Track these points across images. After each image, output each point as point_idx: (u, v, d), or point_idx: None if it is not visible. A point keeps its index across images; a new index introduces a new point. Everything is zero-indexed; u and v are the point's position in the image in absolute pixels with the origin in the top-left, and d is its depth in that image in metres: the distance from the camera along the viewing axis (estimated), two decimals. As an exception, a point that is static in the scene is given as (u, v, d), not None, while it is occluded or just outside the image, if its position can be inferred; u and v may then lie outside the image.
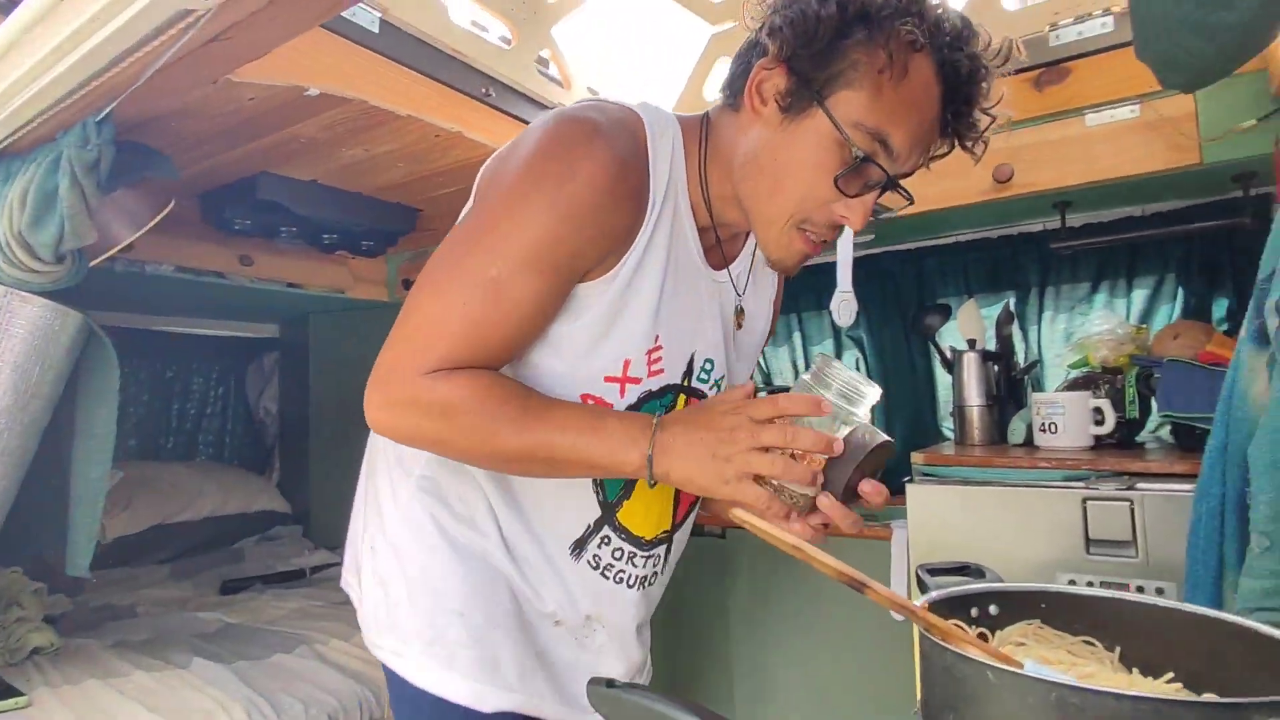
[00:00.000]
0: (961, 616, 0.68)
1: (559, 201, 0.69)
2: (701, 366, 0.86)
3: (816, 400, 0.67)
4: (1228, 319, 1.58)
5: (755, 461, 0.67)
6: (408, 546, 0.84)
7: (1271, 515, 0.92)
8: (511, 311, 0.71)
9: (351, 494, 0.95)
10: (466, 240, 0.73)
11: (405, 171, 1.69)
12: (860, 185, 0.72)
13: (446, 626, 0.82)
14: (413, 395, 0.71)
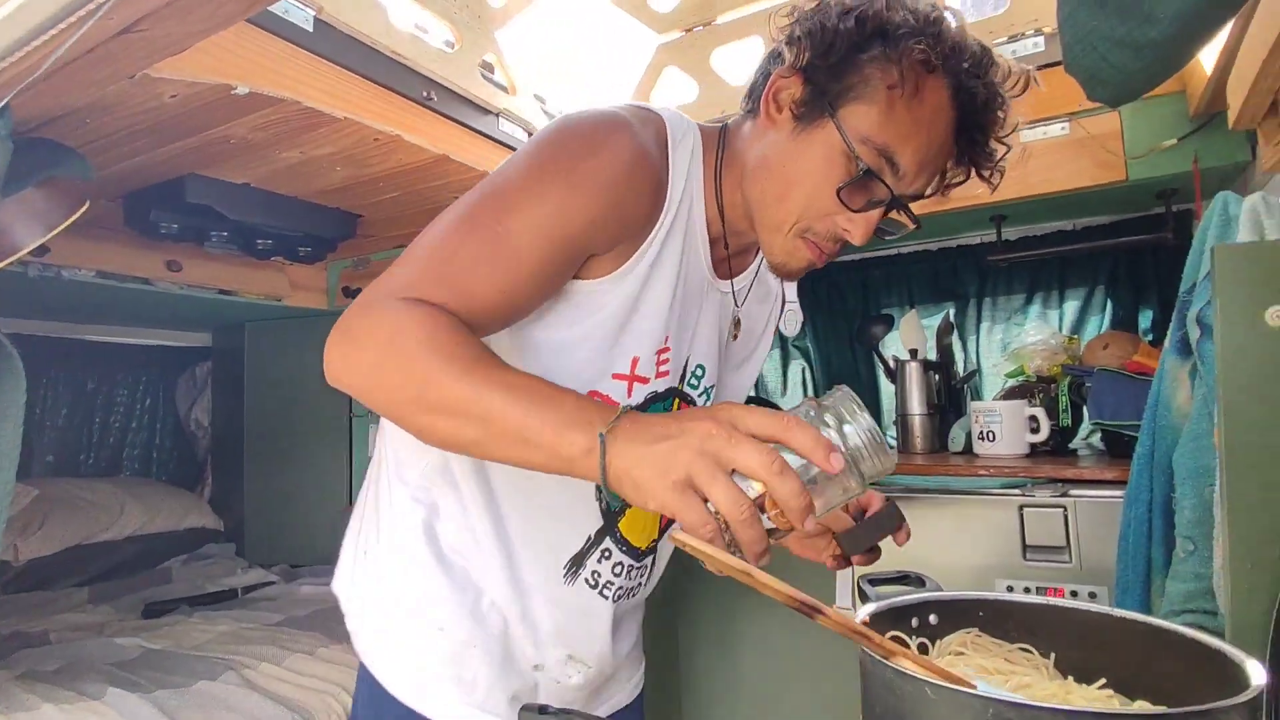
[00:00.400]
0: (902, 627, 0.68)
1: (577, 175, 0.68)
2: (693, 372, 0.86)
3: (829, 446, 0.52)
4: (1152, 330, 1.64)
5: (710, 477, 0.51)
6: (396, 556, 0.82)
7: (1195, 520, 0.95)
8: (510, 265, 0.67)
9: (288, 509, 0.91)
10: (480, 194, 0.71)
11: (344, 176, 1.64)
12: (864, 201, 0.72)
13: (426, 641, 0.80)
14: (366, 311, 0.64)
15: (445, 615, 0.80)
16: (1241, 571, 0.65)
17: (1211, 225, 1.01)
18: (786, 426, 0.52)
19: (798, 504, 0.51)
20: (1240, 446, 0.66)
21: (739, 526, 0.51)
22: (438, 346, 0.61)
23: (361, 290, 1.79)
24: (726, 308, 0.89)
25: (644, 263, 0.75)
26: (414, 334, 0.61)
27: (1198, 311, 1.01)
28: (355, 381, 0.65)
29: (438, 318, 0.63)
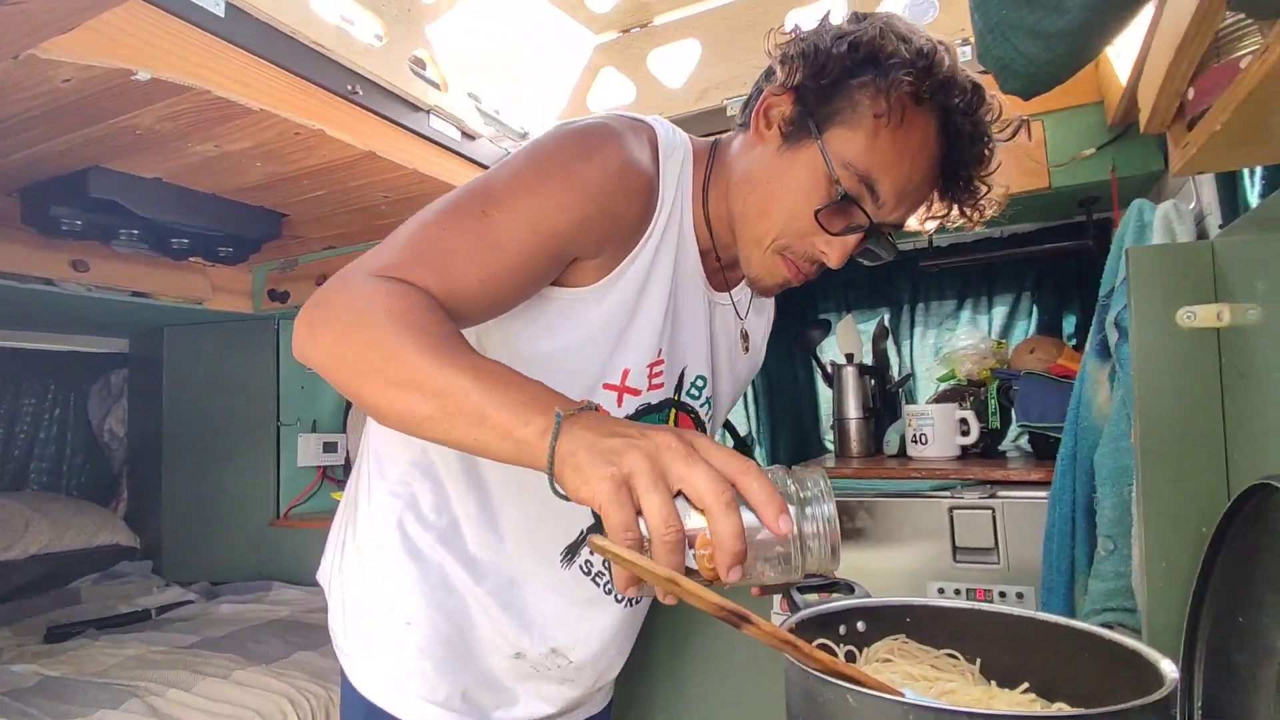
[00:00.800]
0: (830, 634, 0.67)
1: (568, 174, 0.69)
2: (692, 383, 0.86)
3: (782, 507, 0.49)
4: (1076, 334, 1.69)
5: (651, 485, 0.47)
6: (370, 551, 0.83)
7: (1115, 519, 0.96)
8: (493, 256, 0.66)
9: (209, 524, 0.88)
10: (468, 188, 0.70)
11: (265, 172, 1.56)
12: (843, 225, 0.73)
13: (393, 636, 0.81)
14: (340, 285, 0.62)
15: (413, 610, 0.80)
16: (1157, 571, 0.66)
17: (1128, 231, 1.04)
18: (747, 469, 0.49)
19: (732, 546, 0.47)
20: (1154, 446, 0.67)
21: (660, 546, 0.48)
22: (408, 320, 0.58)
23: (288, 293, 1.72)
24: (727, 320, 0.90)
25: (633, 271, 0.75)
26: (384, 305, 0.59)
27: (1115, 315, 1.03)
28: (320, 353, 0.61)
29: (412, 294, 0.61)
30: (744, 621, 0.52)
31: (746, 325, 0.93)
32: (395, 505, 0.83)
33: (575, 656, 0.88)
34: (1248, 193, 0.88)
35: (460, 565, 0.82)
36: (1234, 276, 0.63)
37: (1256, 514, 0.54)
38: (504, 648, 0.85)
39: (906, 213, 0.76)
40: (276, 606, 1.92)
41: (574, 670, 0.89)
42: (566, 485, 0.51)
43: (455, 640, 0.82)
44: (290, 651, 1.54)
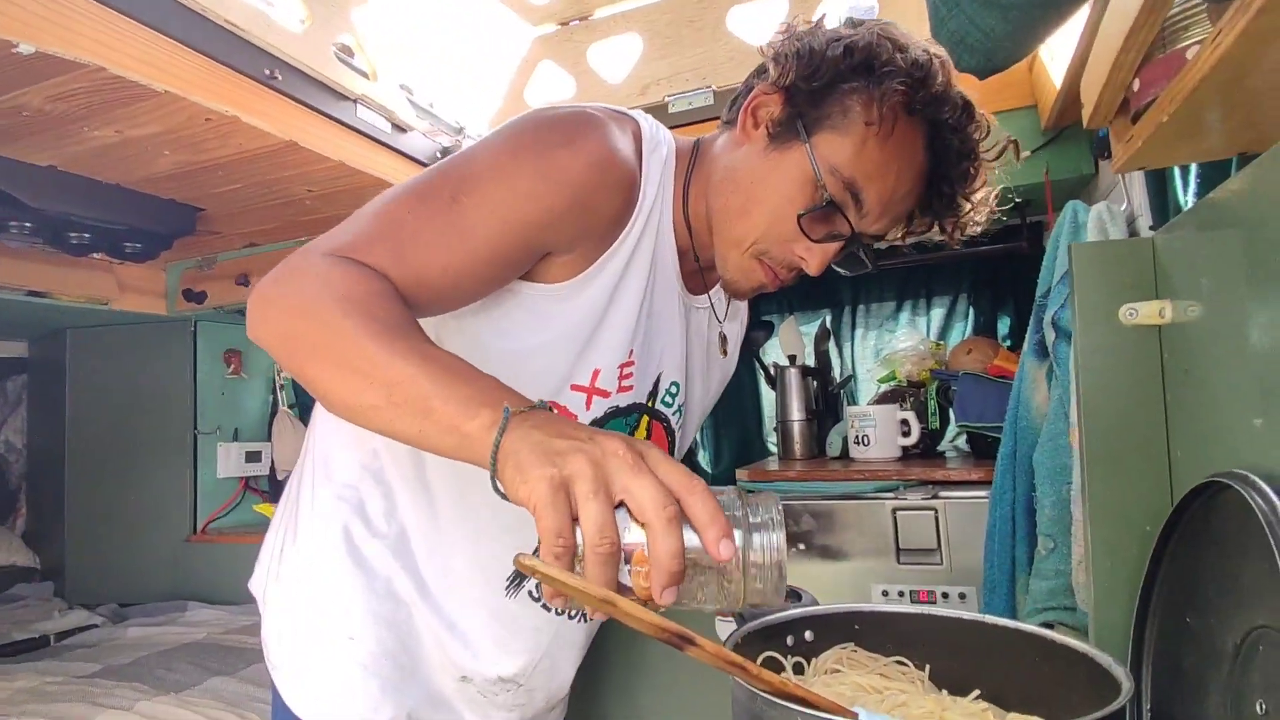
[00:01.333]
0: (777, 645, 0.65)
1: (545, 162, 0.65)
2: (667, 389, 0.83)
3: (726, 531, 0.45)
4: (1010, 335, 1.72)
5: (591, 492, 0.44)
6: (312, 558, 0.79)
7: (1055, 518, 0.97)
8: (459, 243, 0.63)
9: (118, 541, 0.79)
10: (437, 170, 0.67)
11: (175, 161, 1.45)
12: (825, 232, 0.71)
13: (335, 652, 0.76)
14: (297, 262, 0.60)
15: (358, 623, 0.76)
16: (1103, 570, 0.65)
17: (1063, 231, 1.05)
18: (693, 487, 0.46)
19: (669, 566, 0.44)
20: (1098, 443, 0.66)
21: (594, 558, 0.44)
22: (362, 303, 0.56)
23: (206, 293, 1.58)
24: (703, 323, 0.87)
25: (609, 269, 0.72)
26: (338, 287, 0.57)
27: (1052, 314, 1.04)
28: (270, 331, 0.59)
29: (370, 278, 0.59)
30: (687, 643, 0.48)
31: (725, 329, 0.90)
32: (341, 510, 0.78)
33: (526, 682, 0.84)
34: (1179, 194, 0.89)
35: (409, 577, 0.78)
36: (1175, 273, 0.63)
37: (1204, 512, 0.54)
38: (450, 669, 0.81)
39: (889, 225, 0.74)
40: (191, 629, 1.80)
41: (525, 694, 0.85)
42: (505, 483, 0.48)
43: (402, 657, 0.78)
44: (203, 678, 1.43)
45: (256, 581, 0.88)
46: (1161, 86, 0.51)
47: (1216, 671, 0.53)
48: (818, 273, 0.73)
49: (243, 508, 2.34)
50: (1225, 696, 0.51)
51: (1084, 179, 1.33)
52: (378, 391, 0.53)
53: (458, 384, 0.52)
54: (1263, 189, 0.51)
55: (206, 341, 2.28)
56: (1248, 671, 0.49)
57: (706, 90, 1.49)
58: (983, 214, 0.76)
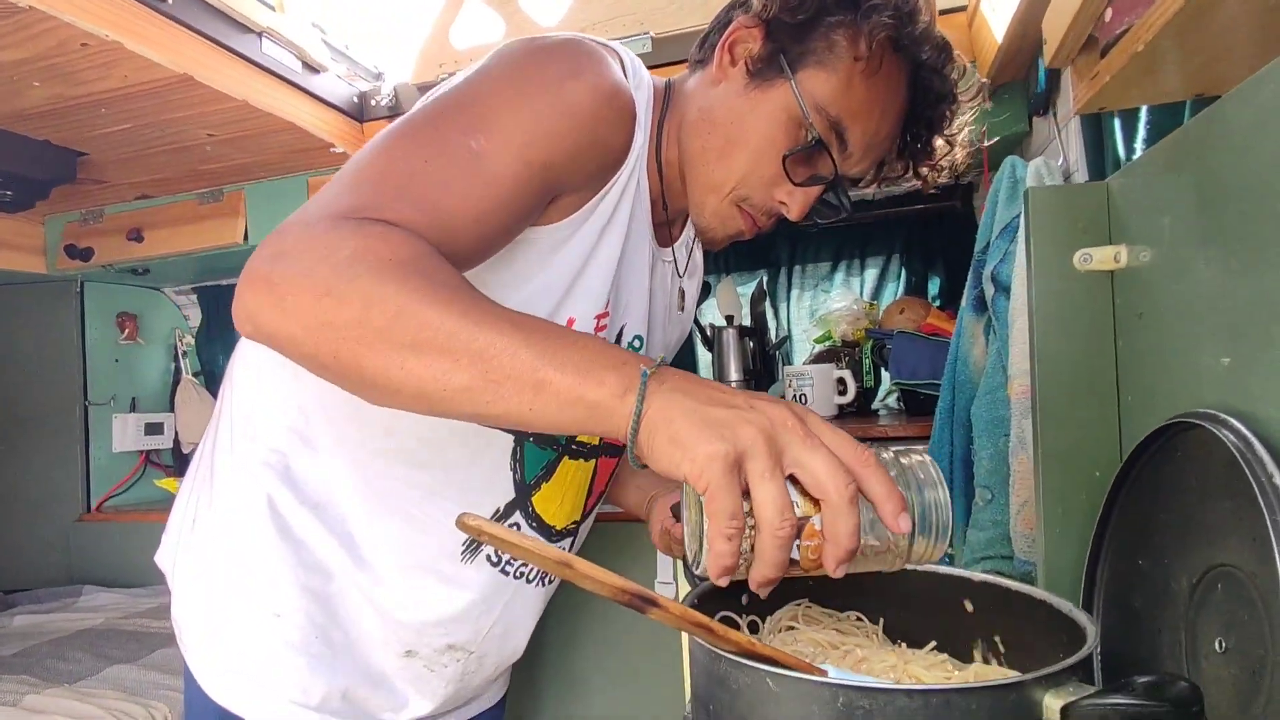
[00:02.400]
0: (732, 605, 0.63)
1: (562, 96, 0.60)
2: (629, 344, 0.80)
3: (903, 503, 0.43)
4: (940, 295, 1.75)
5: (769, 470, 0.41)
6: (232, 527, 0.73)
7: (992, 469, 0.98)
8: (488, 191, 0.56)
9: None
10: (439, 108, 0.59)
11: (48, 95, 1.28)
12: (808, 174, 0.69)
13: (258, 630, 0.71)
14: (304, 236, 0.49)
15: (284, 599, 0.71)
16: (1053, 516, 0.65)
17: (1001, 187, 1.05)
18: (867, 460, 0.43)
19: (848, 544, 0.42)
20: (1051, 391, 0.66)
21: (770, 540, 0.41)
22: (417, 268, 0.47)
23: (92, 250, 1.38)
24: (666, 277, 0.84)
25: (600, 211, 0.68)
26: (382, 252, 0.47)
27: (991, 269, 1.05)
28: (295, 320, 0.48)
29: (409, 239, 0.49)
30: (650, 605, 0.45)
31: (684, 284, 0.87)
32: (264, 475, 0.72)
33: (478, 648, 0.80)
34: (1117, 146, 0.90)
35: (341, 546, 0.72)
36: (1130, 218, 0.62)
37: (1162, 454, 0.53)
38: (393, 644, 0.75)
39: (868, 167, 0.72)
40: (86, 614, 1.65)
41: (476, 661, 0.81)
42: (658, 457, 0.43)
43: (334, 633, 0.73)
44: (101, 667, 1.31)
45: (164, 554, 0.80)
46: (1137, 14, 0.49)
47: (1169, 612, 0.53)
48: (799, 218, 0.71)
49: (143, 484, 2.17)
50: (1179, 635, 0.51)
51: (1018, 137, 1.34)
52: (468, 370, 0.45)
53: (565, 347, 0.45)
54: (1222, 131, 0.50)
55: (95, 303, 2.08)
56: (1204, 610, 0.49)
57: (644, 37, 1.43)
58: (960, 156, 0.75)
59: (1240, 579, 0.45)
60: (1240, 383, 0.47)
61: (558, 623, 1.46)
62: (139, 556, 1.92)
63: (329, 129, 1.53)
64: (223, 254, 1.84)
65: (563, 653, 1.47)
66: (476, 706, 0.91)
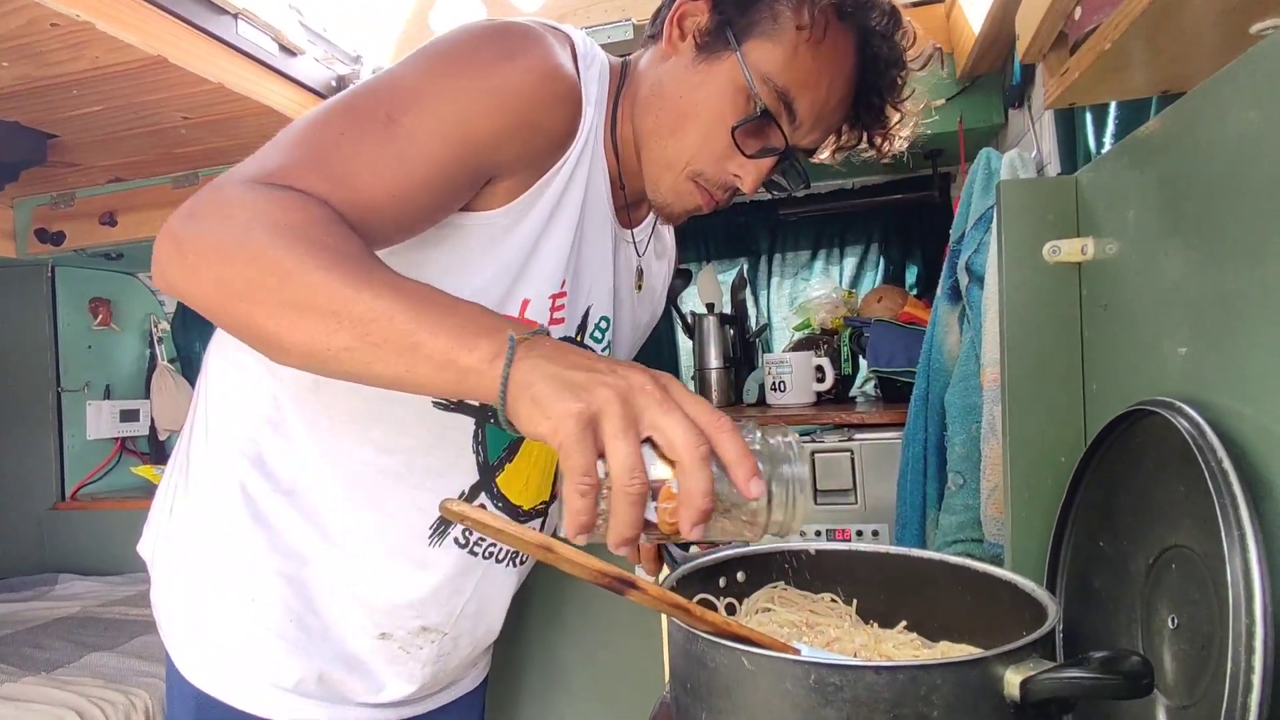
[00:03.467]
0: (710, 588, 0.64)
1: (489, 77, 0.60)
2: (596, 324, 0.80)
3: (755, 468, 0.44)
4: (918, 284, 1.78)
5: (621, 429, 0.42)
6: (208, 515, 0.74)
7: (964, 455, 1.00)
8: (404, 166, 0.57)
9: None
10: (367, 88, 0.61)
11: (17, 75, 1.26)
12: (759, 147, 0.69)
13: (234, 615, 0.72)
14: (215, 192, 0.52)
15: (259, 583, 0.72)
16: (1020, 500, 0.67)
17: (976, 178, 1.07)
18: (722, 425, 0.44)
19: (701, 504, 0.43)
20: (1020, 379, 0.68)
21: (622, 498, 0.42)
22: (307, 232, 0.49)
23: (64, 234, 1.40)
24: (630, 258, 0.84)
25: (548, 194, 0.68)
26: (277, 216, 0.50)
27: (966, 259, 1.07)
28: (195, 277, 0.51)
29: (309, 203, 0.52)
30: (629, 587, 0.46)
31: (643, 263, 0.86)
32: (238, 463, 0.73)
33: (451, 629, 0.81)
34: (1089, 140, 0.92)
35: (314, 533, 0.74)
36: (1097, 211, 0.64)
37: (1122, 439, 0.55)
38: (367, 627, 0.77)
39: (821, 137, 0.72)
40: (62, 603, 1.64)
41: (450, 642, 0.82)
42: (521, 419, 0.45)
43: (309, 618, 0.74)
44: (80, 654, 1.31)
45: (145, 544, 0.82)
46: (1105, 13, 0.50)
47: (1127, 590, 0.55)
48: (752, 190, 0.71)
49: (119, 471, 2.15)
50: (1135, 613, 0.54)
51: (994, 129, 1.36)
52: (349, 331, 0.47)
53: (442, 313, 0.47)
54: (1185, 127, 0.52)
55: (68, 288, 2.05)
56: (1159, 589, 0.51)
57: (626, 24, 1.43)
58: (910, 126, 0.75)
59: (1192, 559, 0.47)
60: (1196, 372, 0.49)
61: (539, 605, 1.48)
62: (115, 544, 1.90)
63: (307, 113, 1.51)
64: (198, 239, 1.81)
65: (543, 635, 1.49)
66: (456, 690, 0.92)
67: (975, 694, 0.42)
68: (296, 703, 0.74)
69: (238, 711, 0.73)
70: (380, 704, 0.79)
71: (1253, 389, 0.44)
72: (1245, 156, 0.44)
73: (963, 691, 0.42)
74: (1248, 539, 0.40)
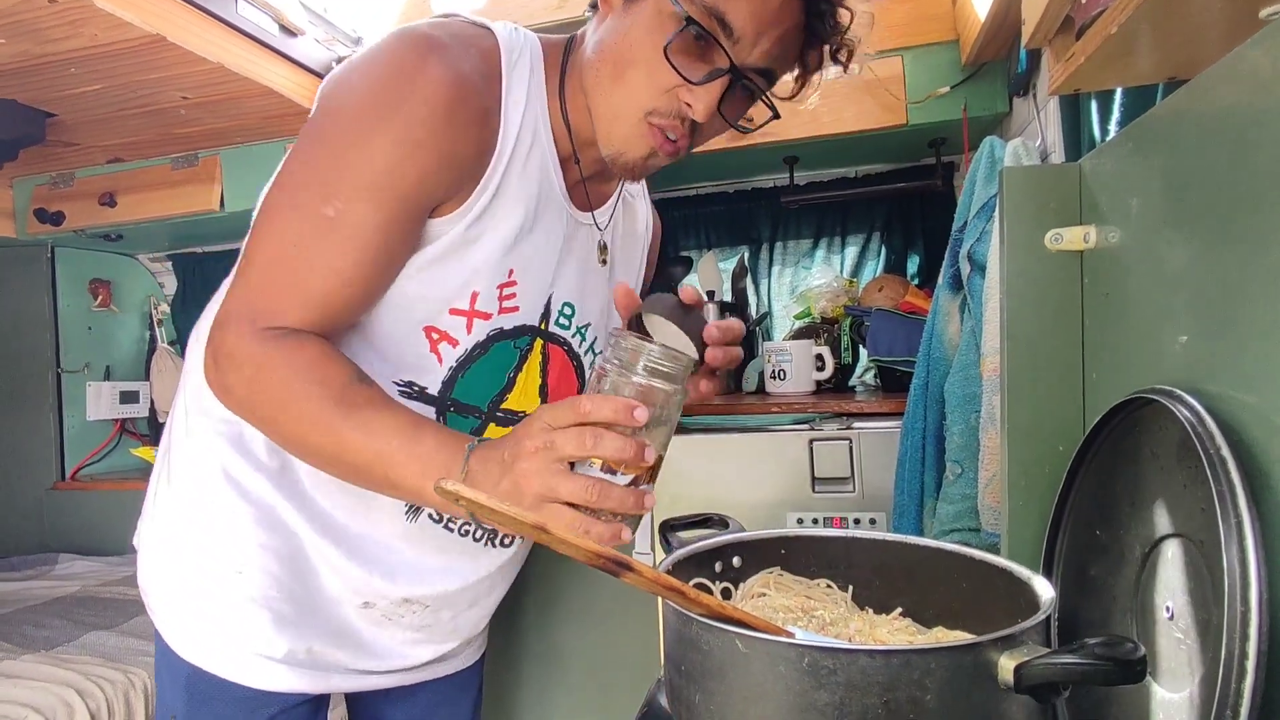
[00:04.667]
0: (706, 572, 0.64)
1: (396, 125, 0.64)
2: (560, 310, 0.81)
3: (629, 408, 0.57)
4: (919, 274, 1.77)
5: (555, 485, 0.57)
6: (191, 492, 0.77)
7: (963, 445, 1.00)
8: (350, 251, 0.65)
9: None
10: (301, 168, 0.67)
11: (14, 53, 1.25)
12: (704, 71, 0.66)
13: (221, 588, 0.74)
14: (232, 349, 0.65)
15: (245, 556, 0.74)
16: (1017, 489, 0.67)
17: (980, 166, 1.06)
18: (583, 412, 0.57)
19: (629, 452, 0.57)
20: (1019, 367, 0.67)
21: (601, 503, 0.57)
22: (297, 391, 0.63)
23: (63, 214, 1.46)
24: (591, 241, 0.84)
25: (482, 200, 0.70)
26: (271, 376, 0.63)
27: (968, 248, 1.06)
28: (237, 413, 0.68)
29: (294, 361, 0.63)
30: (624, 569, 0.46)
31: (605, 237, 0.85)
32: (219, 444, 0.76)
33: (434, 602, 0.82)
34: (1094, 127, 0.91)
35: (295, 508, 0.76)
36: (1100, 199, 0.63)
37: (1121, 429, 0.55)
38: (350, 597, 0.78)
39: (771, 53, 0.67)
40: (62, 582, 1.65)
41: (431, 615, 0.83)
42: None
43: (295, 588, 0.76)
44: (79, 633, 1.32)
45: (139, 530, 0.84)
46: None
47: (1122, 579, 0.55)
48: (704, 117, 0.67)
49: (119, 452, 2.15)
50: (1131, 601, 0.54)
51: (999, 117, 1.35)
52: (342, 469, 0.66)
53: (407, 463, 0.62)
54: (1191, 113, 0.51)
55: (67, 269, 2.05)
56: (1155, 577, 0.51)
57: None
58: (866, 24, 0.71)
59: (1189, 547, 0.47)
60: (1197, 361, 0.49)
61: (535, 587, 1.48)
62: (115, 524, 1.91)
63: (306, 94, 1.51)
64: (198, 220, 1.81)
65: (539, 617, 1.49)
66: (451, 665, 0.92)
67: (969, 679, 0.42)
68: (285, 673, 0.75)
69: (228, 683, 0.74)
70: (368, 671, 0.81)
71: (1253, 378, 0.44)
72: (1251, 143, 0.44)
73: (957, 676, 0.42)
74: (1245, 527, 0.40)
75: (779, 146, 1.50)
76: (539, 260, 0.77)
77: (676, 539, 0.68)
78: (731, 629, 0.46)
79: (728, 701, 0.46)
